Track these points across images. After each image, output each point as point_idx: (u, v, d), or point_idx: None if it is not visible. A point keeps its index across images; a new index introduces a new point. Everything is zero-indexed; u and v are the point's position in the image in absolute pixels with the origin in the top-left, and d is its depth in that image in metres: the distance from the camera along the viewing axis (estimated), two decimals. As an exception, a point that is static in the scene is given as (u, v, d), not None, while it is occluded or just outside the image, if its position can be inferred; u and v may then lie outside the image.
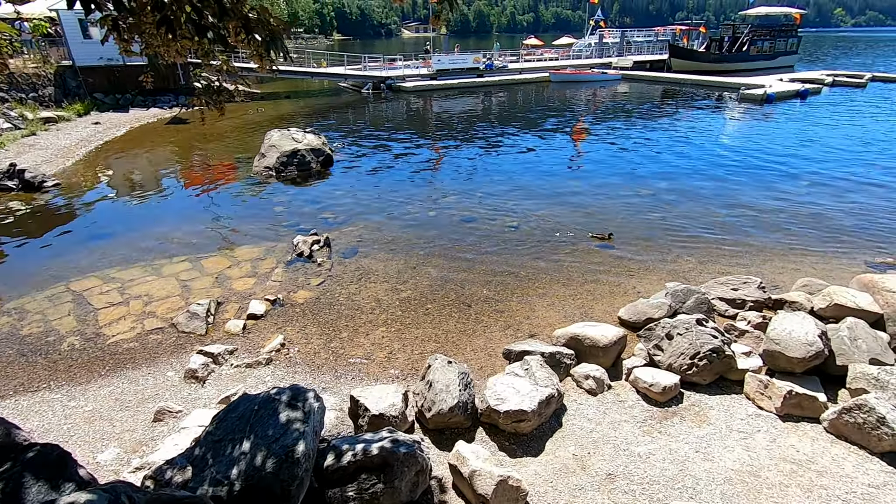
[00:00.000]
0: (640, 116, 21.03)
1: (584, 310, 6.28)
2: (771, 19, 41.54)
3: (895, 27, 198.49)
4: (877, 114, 20.64)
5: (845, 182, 11.52)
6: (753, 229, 8.82)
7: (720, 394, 4.61)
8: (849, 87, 28.72)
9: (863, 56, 53.93)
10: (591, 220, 9.34)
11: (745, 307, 6.04)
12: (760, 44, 38.74)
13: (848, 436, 3.96)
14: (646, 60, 38.70)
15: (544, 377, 4.40)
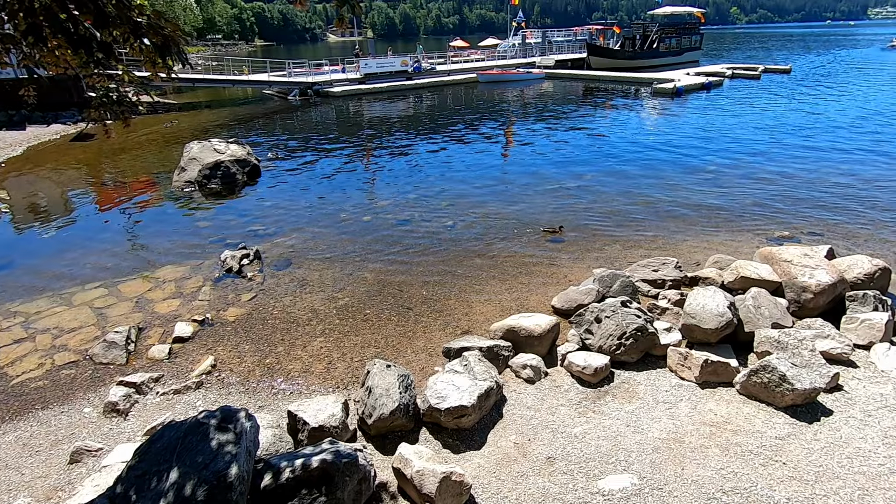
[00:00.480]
0: (565, 113, 21.92)
1: (520, 302, 6.46)
2: (676, 18, 44.70)
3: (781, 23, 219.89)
4: (770, 102, 22.77)
5: (747, 166, 12.61)
6: (670, 214, 9.46)
7: (647, 369, 4.91)
8: (746, 79, 31.47)
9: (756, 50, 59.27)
10: (523, 215, 9.62)
11: (665, 286, 6.47)
12: (668, 41, 41.58)
13: (757, 395, 4.34)
14: (567, 59, 40.39)
15: (483, 371, 4.49)
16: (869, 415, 4.10)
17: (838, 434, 3.90)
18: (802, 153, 13.64)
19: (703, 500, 3.35)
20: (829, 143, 14.61)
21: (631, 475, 3.58)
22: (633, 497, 3.40)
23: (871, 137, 15.16)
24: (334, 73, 31.40)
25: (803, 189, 10.62)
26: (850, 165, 12.32)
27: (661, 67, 37.11)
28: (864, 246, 7.64)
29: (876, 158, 12.90)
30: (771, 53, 53.07)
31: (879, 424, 3.99)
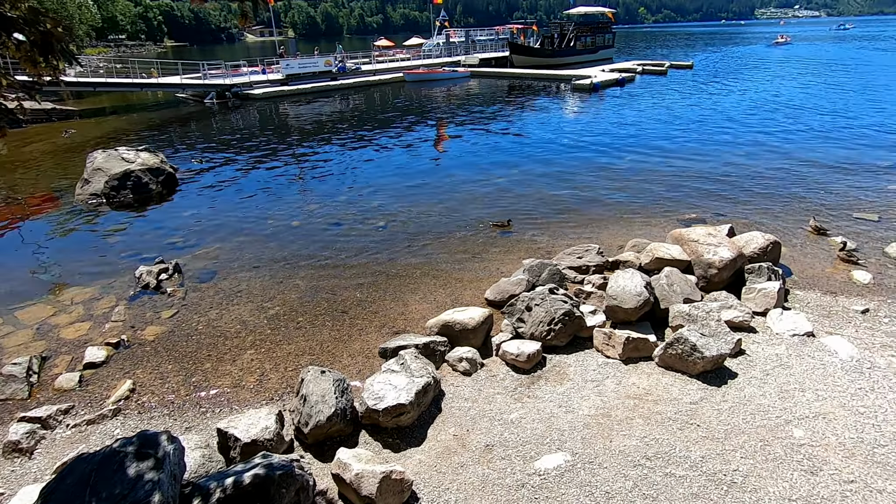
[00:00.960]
0: (492, 110, 22.42)
1: (455, 297, 6.55)
2: (590, 17, 47.04)
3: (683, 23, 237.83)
4: (676, 96, 24.58)
5: (659, 155, 13.54)
6: (592, 203, 9.97)
7: (576, 351, 5.16)
8: (655, 75, 33.75)
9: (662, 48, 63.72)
10: (455, 212, 9.74)
11: (589, 272, 6.81)
12: (584, 39, 43.65)
13: (673, 366, 4.70)
14: (491, 58, 41.31)
15: (419, 368, 4.51)
16: (767, 374, 4.56)
17: (742, 394, 4.31)
18: (705, 142, 14.87)
19: (630, 468, 3.58)
20: (727, 133, 16.02)
21: (564, 453, 3.76)
22: (566, 473, 3.57)
23: (760, 127, 16.77)
24: (254, 74, 30.11)
25: (707, 174, 11.57)
26: (745, 152, 13.58)
27: (578, 65, 38.89)
28: (758, 223, 8.47)
29: (765, 145, 14.30)
30: (674, 51, 57.26)
31: (776, 381, 4.45)
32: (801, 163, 12.24)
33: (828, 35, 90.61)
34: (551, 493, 3.41)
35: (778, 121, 17.52)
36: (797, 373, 4.55)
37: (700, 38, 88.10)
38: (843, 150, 13.34)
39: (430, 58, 41.98)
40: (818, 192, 10.16)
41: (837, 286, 6.38)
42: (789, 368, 4.62)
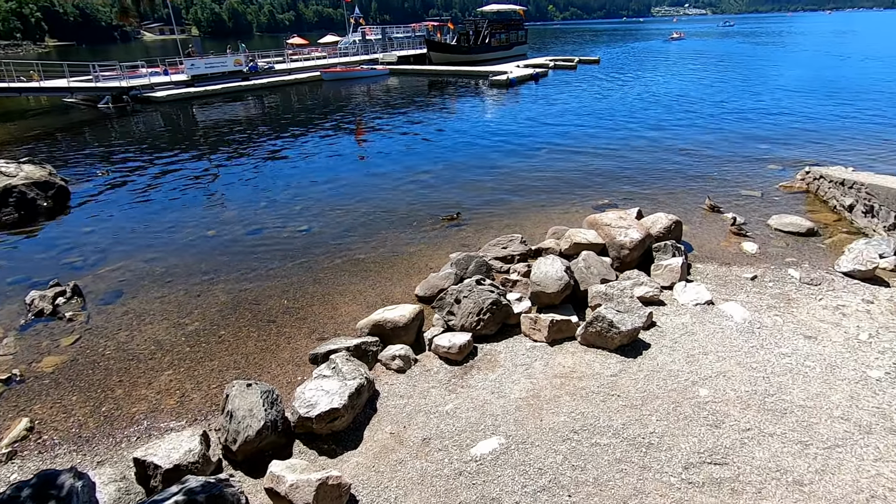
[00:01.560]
0: (413, 107, 22.43)
1: (385, 296, 6.52)
2: (503, 15, 48.36)
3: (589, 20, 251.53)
4: (586, 89, 25.96)
5: (573, 145, 14.27)
6: (514, 195, 10.31)
7: (505, 338, 5.33)
8: (566, 70, 35.42)
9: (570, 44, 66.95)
10: (379, 211, 9.67)
11: (514, 261, 7.05)
12: (499, 36, 44.80)
13: (594, 343, 4.99)
14: (409, 55, 41.30)
15: (352, 370, 4.46)
16: (675, 342, 4.98)
17: (655, 362, 4.67)
18: (613, 132, 15.86)
19: (560, 443, 3.77)
20: (632, 123, 17.19)
21: (499, 437, 3.88)
22: (501, 456, 3.69)
23: (661, 117, 18.17)
24: (155, 75, 27.95)
25: (617, 162, 12.36)
26: (649, 140, 14.66)
27: (494, 61, 39.89)
28: (663, 204, 9.19)
29: (666, 133, 15.53)
30: (582, 46, 60.40)
31: (683, 348, 4.88)
32: (697, 148, 13.42)
33: (715, 31, 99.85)
34: (488, 477, 3.51)
35: (676, 111, 19.06)
36: (701, 338, 5.01)
37: (604, 35, 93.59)
38: (730, 135, 14.79)
39: (346, 56, 41.19)
40: (712, 173, 11.20)
41: (731, 257, 7.10)
42: (694, 335, 5.08)
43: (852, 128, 15.07)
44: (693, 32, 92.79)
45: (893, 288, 5.90)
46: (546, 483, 3.42)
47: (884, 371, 4.37)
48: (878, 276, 6.11)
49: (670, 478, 3.40)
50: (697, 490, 3.29)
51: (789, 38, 66.84)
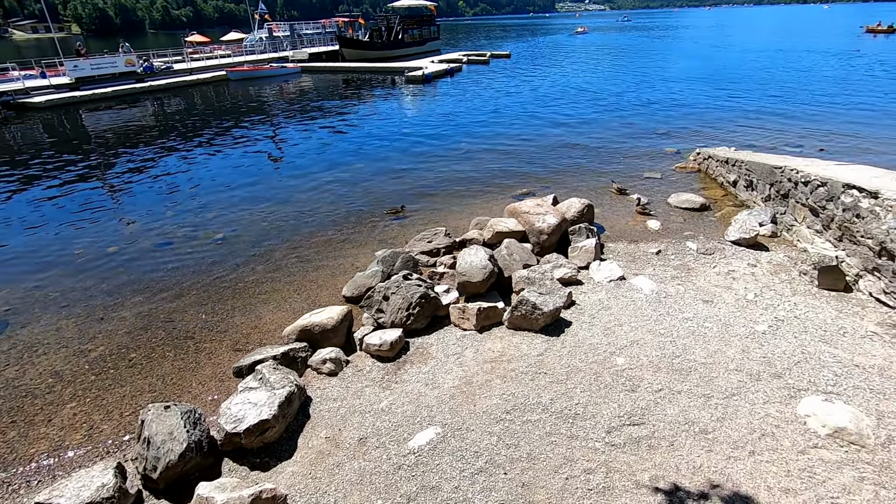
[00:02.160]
0: (329, 105, 21.86)
1: (311, 299, 6.36)
2: (415, 10, 48.38)
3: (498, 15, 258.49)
4: (499, 83, 26.72)
5: (491, 137, 14.65)
6: (436, 189, 10.41)
7: (436, 330, 5.40)
8: (479, 65, 36.20)
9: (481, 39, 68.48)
10: (298, 214, 9.37)
11: (440, 254, 7.15)
12: (411, 32, 44.85)
13: (520, 325, 5.20)
14: (321, 52, 40.19)
15: (280, 379, 4.31)
16: (594, 317, 5.32)
17: (577, 338, 4.96)
18: (527, 123, 16.49)
19: (494, 425, 3.90)
20: (544, 114, 17.96)
21: (435, 426, 3.94)
22: (439, 445, 3.75)
23: (570, 108, 19.15)
24: (30, 79, 24.97)
25: (533, 152, 12.88)
26: (560, 129, 15.41)
27: (409, 57, 39.90)
28: (576, 190, 9.73)
29: (574, 122, 16.40)
30: (493, 41, 62.02)
31: (601, 322, 5.21)
32: (604, 136, 14.31)
33: (615, 26, 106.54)
34: (427, 467, 3.56)
35: (583, 102, 20.16)
36: (616, 311, 5.39)
37: (513, 30, 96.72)
38: (632, 123, 15.92)
39: (253, 54, 39.25)
40: (618, 158, 12.01)
41: (638, 234, 7.67)
42: (610, 309, 5.45)
43: (734, 111, 16.79)
44: (595, 27, 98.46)
45: (772, 252, 6.69)
46: (483, 464, 3.53)
47: (767, 325, 4.95)
48: (759, 242, 6.89)
49: (595, 443, 3.64)
50: (619, 451, 3.56)
51: (677, 32, 72.92)
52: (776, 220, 7.33)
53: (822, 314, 5.10)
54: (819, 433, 3.55)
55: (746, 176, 8.66)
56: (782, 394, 3.97)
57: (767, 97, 19.09)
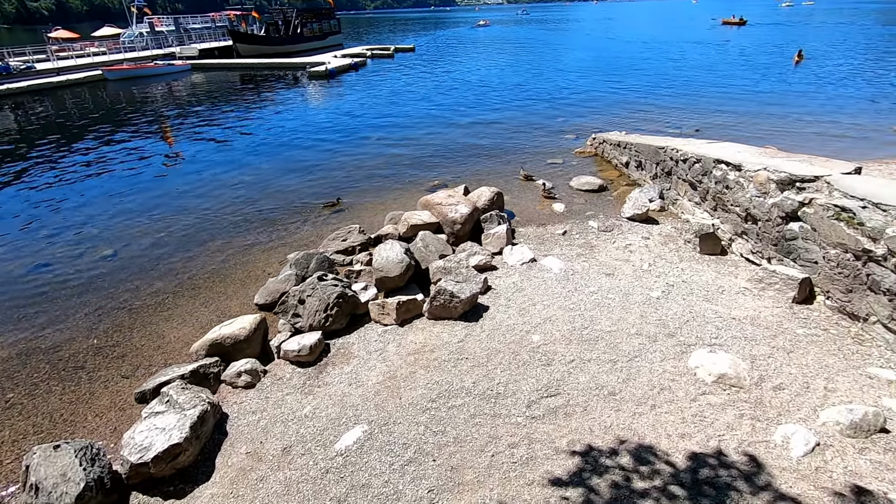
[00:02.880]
0: (226, 105, 20.53)
1: (221, 311, 5.99)
2: (312, 3, 46.70)
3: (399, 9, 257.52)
4: (405, 77, 26.68)
5: (401, 131, 14.62)
6: (349, 186, 10.22)
7: (357, 329, 5.33)
8: (383, 59, 35.87)
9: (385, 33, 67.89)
10: (198, 223, 8.75)
11: (356, 252, 7.05)
12: (311, 26, 43.29)
13: (440, 315, 5.28)
14: (212, 48, 37.55)
15: (190, 399, 4.03)
16: (509, 299, 5.53)
17: (495, 321, 5.14)
18: (428, 115, 16.66)
19: (420, 414, 3.95)
20: (451, 106, 18.25)
21: (361, 425, 3.91)
22: (366, 442, 3.73)
23: (475, 100, 19.62)
24: None
25: (443, 144, 13.05)
26: (467, 121, 15.75)
27: (310, 51, 38.53)
28: (486, 179, 10.02)
29: (481, 113, 16.84)
30: (397, 35, 61.73)
31: (516, 303, 5.44)
32: (509, 126, 14.85)
33: (514, 19, 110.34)
34: (356, 467, 3.53)
35: (488, 94, 20.74)
36: (529, 292, 5.65)
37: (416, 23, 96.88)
38: (526, 112, 16.67)
39: (134, 51, 35.77)
40: (523, 146, 12.53)
41: (545, 218, 8.09)
42: (523, 290, 5.70)
43: (624, 98, 18.18)
44: (496, 20, 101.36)
45: (661, 224, 7.37)
46: (412, 455, 3.56)
47: (661, 291, 5.46)
48: (650, 217, 7.56)
49: (517, 418, 3.81)
50: (539, 422, 3.76)
51: (570, 25, 77.24)
52: (663, 196, 8.07)
53: (704, 276, 5.72)
54: (706, 381, 4.00)
55: (636, 157, 9.43)
56: (676, 350, 4.41)
57: (651, 84, 20.87)
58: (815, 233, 4.93)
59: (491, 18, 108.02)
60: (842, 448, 3.24)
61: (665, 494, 3.02)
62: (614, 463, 3.29)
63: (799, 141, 11.79)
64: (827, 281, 4.83)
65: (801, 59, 25.46)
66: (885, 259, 4.17)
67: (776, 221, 5.42)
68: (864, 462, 3.13)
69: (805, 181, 5.13)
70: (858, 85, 18.89)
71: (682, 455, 3.31)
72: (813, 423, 3.48)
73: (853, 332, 4.49)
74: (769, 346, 4.34)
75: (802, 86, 19.27)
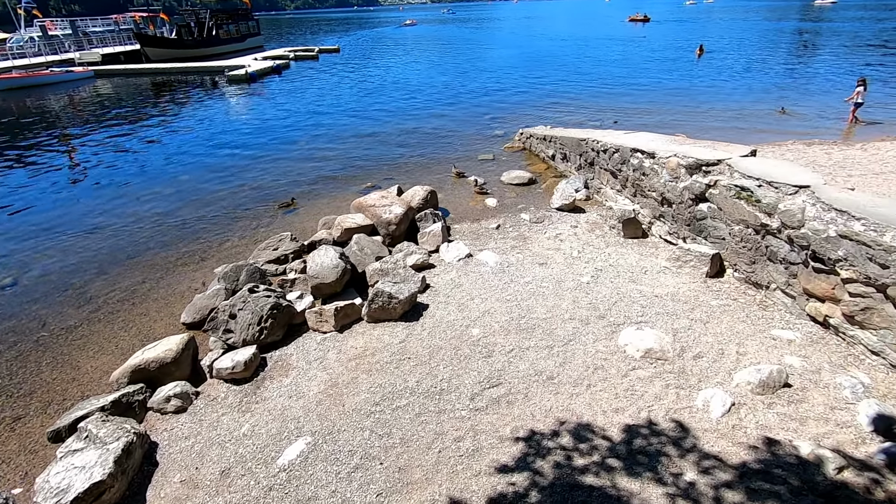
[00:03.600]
0: (139, 114, 19.10)
1: (144, 334, 5.59)
2: (227, 4, 44.58)
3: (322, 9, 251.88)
4: (331, 78, 26.13)
5: (329, 133, 14.29)
6: (274, 194, 9.85)
7: (295, 339, 5.17)
8: (307, 60, 34.90)
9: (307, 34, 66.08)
10: (110, 241, 8.10)
11: (289, 260, 6.82)
12: (227, 27, 41.28)
13: (380, 317, 5.24)
14: (118, 52, 34.87)
15: (112, 431, 3.73)
16: (448, 296, 5.59)
17: (435, 318, 5.17)
18: (365, 117, 16.45)
19: (365, 419, 3.90)
20: (380, 107, 18.10)
21: (304, 437, 3.80)
22: (311, 454, 3.63)
23: (404, 100, 19.59)
24: None
25: (373, 145, 12.91)
26: (397, 121, 15.68)
27: (228, 54, 36.79)
28: (418, 179, 10.04)
29: (411, 114, 16.84)
30: (320, 36, 60.29)
31: (455, 299, 5.50)
32: (440, 124, 14.95)
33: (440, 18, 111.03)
34: (301, 480, 3.42)
35: (416, 94, 20.76)
36: (467, 287, 5.73)
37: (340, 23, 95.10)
38: (464, 110, 16.89)
39: (24, 57, 32.46)
40: (455, 144, 12.66)
41: (479, 213, 8.23)
42: (461, 286, 5.77)
43: (548, 93, 18.84)
44: (422, 19, 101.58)
45: (588, 213, 7.73)
46: (358, 461, 3.51)
47: (590, 276, 5.73)
48: (577, 206, 7.90)
49: (461, 412, 3.86)
50: (483, 413, 3.83)
51: (494, 24, 78.92)
52: (588, 185, 8.46)
53: (629, 259, 6.06)
54: (635, 357, 4.24)
55: (561, 150, 9.82)
56: (606, 331, 4.65)
57: (572, 79, 21.79)
58: (721, 211, 5.37)
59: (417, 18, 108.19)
60: (753, 405, 3.56)
61: (603, 468, 3.18)
62: (556, 444, 3.42)
63: (706, 128, 12.79)
64: (734, 255, 5.28)
65: (703, 53, 27.62)
66: (779, 231, 4.62)
67: (687, 203, 5.85)
68: (772, 415, 3.46)
69: (710, 165, 5.57)
70: (753, 75, 20.77)
71: (617, 429, 3.50)
72: (729, 385, 3.79)
73: (758, 299, 4.95)
74: (688, 319, 4.68)
75: (706, 77, 20.91)
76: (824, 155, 10.09)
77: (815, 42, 32.66)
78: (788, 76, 20.31)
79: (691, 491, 2.94)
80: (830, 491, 2.85)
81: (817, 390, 3.65)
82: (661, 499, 2.92)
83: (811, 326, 4.40)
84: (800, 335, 4.31)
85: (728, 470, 3.05)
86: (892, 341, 3.70)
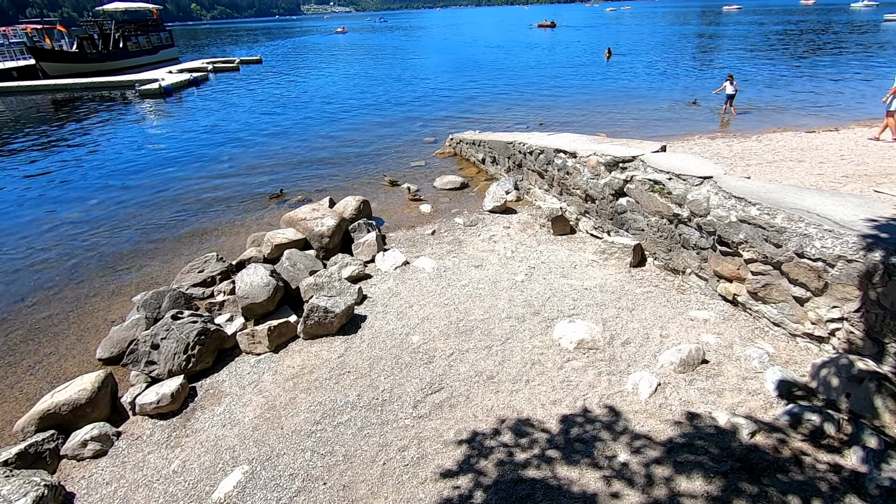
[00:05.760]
0: (37, 135, 17.41)
1: (53, 376, 5.10)
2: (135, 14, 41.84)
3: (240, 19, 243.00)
4: (254, 90, 25.21)
5: (256, 147, 13.76)
6: (202, 213, 9.34)
7: (227, 364, 4.92)
8: (228, 72, 33.49)
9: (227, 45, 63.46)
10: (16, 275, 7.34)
11: (216, 282, 6.48)
12: (136, 39, 38.74)
13: (317, 333, 5.10)
14: (10, 69, 31.73)
15: (18, 487, 3.36)
16: (386, 305, 5.54)
17: (374, 329, 5.11)
18: (290, 129, 16.01)
19: (305, 440, 3.77)
20: (307, 119, 17.69)
21: (241, 466, 3.61)
22: (248, 484, 3.45)
23: (331, 110, 19.27)
24: None
25: (301, 159, 12.57)
26: (326, 133, 15.40)
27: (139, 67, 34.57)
28: (350, 190, 9.90)
29: (340, 125, 16.60)
30: (240, 46, 58.09)
31: (393, 308, 5.46)
32: (370, 132, 14.84)
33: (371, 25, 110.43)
34: (239, 513, 3.25)
35: (345, 102, 20.51)
36: (405, 295, 5.71)
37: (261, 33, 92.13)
38: (393, 118, 16.87)
39: None
40: (385, 153, 12.61)
41: (413, 220, 8.24)
42: (399, 294, 5.75)
43: (476, 98, 19.24)
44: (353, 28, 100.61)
45: (519, 213, 7.96)
46: (300, 484, 3.39)
47: (524, 274, 5.89)
48: (508, 207, 8.12)
49: (405, 421, 3.83)
50: (427, 420, 3.82)
51: (422, 31, 79.64)
52: (518, 187, 8.72)
53: (559, 255, 6.30)
54: (569, 349, 4.41)
55: (490, 153, 10.05)
56: (542, 326, 4.80)
57: (498, 84, 22.41)
58: (639, 204, 5.72)
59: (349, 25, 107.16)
60: (676, 383, 3.81)
61: (544, 460, 3.27)
62: (498, 442, 3.48)
63: (622, 126, 13.59)
64: (653, 244, 5.63)
65: (611, 56, 29.45)
66: (689, 220, 4.99)
67: (609, 199, 6.18)
68: (693, 391, 3.72)
69: (626, 161, 5.92)
70: (661, 75, 22.35)
71: (555, 420, 3.61)
72: (654, 367, 4.03)
73: (676, 284, 5.31)
74: (616, 308, 4.93)
75: (618, 78, 22.23)
76: (726, 147, 11.03)
77: (711, 45, 35.73)
78: (693, 75, 22.05)
79: (625, 471, 3.09)
80: (745, 454, 3.10)
81: (730, 363, 3.97)
82: (598, 482, 3.05)
83: (723, 305, 4.78)
84: (713, 314, 4.67)
85: (657, 447, 3.24)
86: (790, 312, 4.10)
